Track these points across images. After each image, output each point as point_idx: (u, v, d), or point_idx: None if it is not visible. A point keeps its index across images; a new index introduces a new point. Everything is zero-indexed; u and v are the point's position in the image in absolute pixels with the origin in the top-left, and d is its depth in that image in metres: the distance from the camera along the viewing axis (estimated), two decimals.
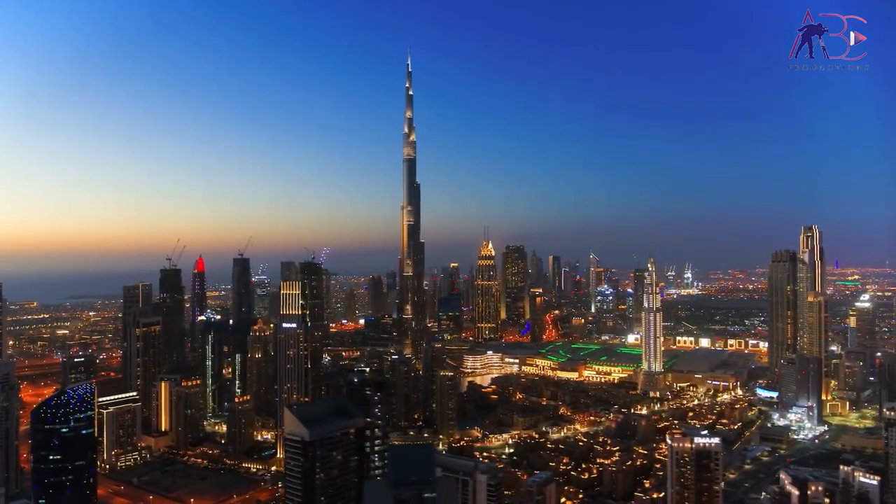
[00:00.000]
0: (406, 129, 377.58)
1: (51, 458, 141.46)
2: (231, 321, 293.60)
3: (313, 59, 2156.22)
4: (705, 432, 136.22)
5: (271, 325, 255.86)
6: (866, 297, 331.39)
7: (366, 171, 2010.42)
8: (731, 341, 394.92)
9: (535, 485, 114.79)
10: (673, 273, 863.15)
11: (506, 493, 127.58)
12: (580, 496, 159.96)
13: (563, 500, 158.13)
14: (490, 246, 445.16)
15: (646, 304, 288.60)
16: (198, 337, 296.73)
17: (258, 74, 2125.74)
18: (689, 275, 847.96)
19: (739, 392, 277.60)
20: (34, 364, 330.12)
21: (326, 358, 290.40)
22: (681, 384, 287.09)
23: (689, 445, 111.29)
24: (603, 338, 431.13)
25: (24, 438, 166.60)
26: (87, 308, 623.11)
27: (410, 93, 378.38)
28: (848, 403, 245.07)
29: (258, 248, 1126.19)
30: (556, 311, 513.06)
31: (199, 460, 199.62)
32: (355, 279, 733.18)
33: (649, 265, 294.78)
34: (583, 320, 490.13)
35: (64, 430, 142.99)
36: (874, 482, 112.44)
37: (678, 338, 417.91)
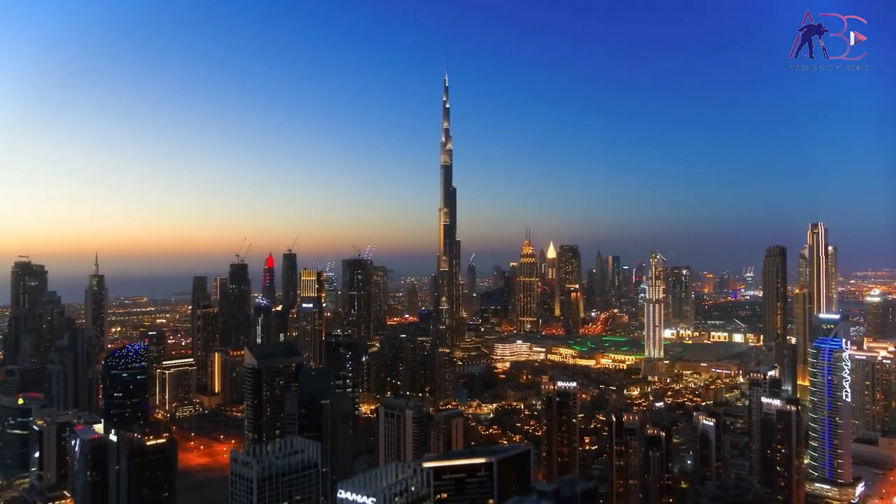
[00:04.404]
0: (443, 139, 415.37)
1: (114, 395, 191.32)
2: (280, 307, 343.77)
3: (357, 58, 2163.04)
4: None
5: None
6: (876, 292, 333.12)
7: (409, 175, 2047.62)
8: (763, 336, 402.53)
9: (443, 417, 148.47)
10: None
11: None
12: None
13: None
14: (531, 245, 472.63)
15: (647, 296, 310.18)
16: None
17: (310, 77, 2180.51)
18: None
19: (741, 380, 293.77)
20: None
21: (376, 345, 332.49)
22: (686, 371, 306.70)
23: (553, 387, 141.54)
24: (643, 333, 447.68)
25: None
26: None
27: (447, 105, 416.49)
28: None
29: (308, 246, 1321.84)
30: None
31: (239, 414, 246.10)
32: (420, 279, 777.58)
33: (651, 261, 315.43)
34: (626, 317, 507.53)
35: (124, 375, 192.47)
36: (711, 423, 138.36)
37: (713, 333, 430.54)
